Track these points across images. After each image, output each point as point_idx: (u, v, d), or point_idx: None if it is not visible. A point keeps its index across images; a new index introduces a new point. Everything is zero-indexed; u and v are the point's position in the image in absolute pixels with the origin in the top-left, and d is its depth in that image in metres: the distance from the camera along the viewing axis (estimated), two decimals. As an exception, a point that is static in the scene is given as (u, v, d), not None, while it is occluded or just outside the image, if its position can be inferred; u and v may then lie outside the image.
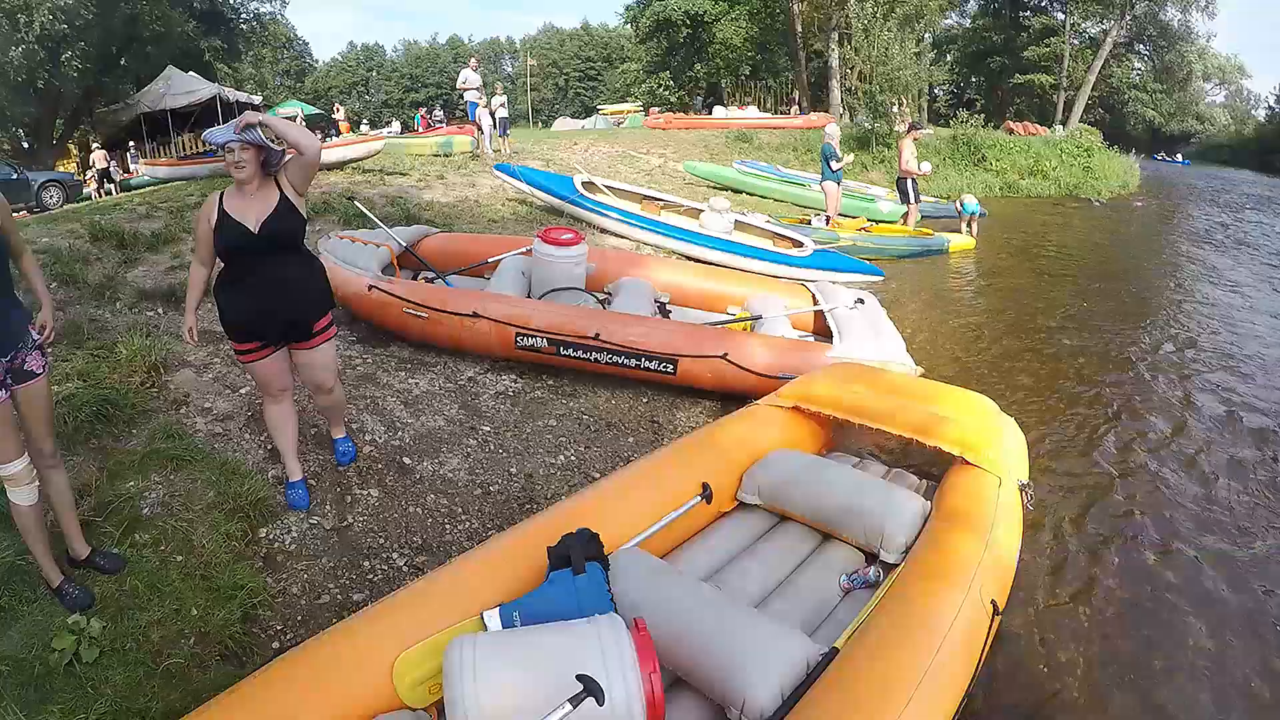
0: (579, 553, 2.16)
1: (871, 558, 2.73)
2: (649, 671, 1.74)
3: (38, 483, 2.62)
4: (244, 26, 27.88)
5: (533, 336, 4.44)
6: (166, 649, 2.59)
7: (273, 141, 2.87)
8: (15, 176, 13.87)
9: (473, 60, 14.27)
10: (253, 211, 2.85)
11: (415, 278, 5.31)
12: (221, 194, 2.90)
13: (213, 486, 3.30)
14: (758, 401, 3.54)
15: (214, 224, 2.86)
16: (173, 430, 3.66)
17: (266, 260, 2.91)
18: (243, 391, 4.09)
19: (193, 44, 23.94)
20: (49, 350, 2.65)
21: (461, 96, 14.02)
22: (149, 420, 3.74)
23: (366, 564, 3.13)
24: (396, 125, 22.00)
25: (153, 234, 6.29)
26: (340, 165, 10.53)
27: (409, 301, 4.51)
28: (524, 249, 5.43)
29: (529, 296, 5.01)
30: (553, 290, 5.01)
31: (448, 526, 3.42)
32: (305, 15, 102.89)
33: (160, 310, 5.00)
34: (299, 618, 2.84)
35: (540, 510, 3.50)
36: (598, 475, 3.84)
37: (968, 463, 2.88)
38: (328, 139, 15.87)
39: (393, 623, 2.05)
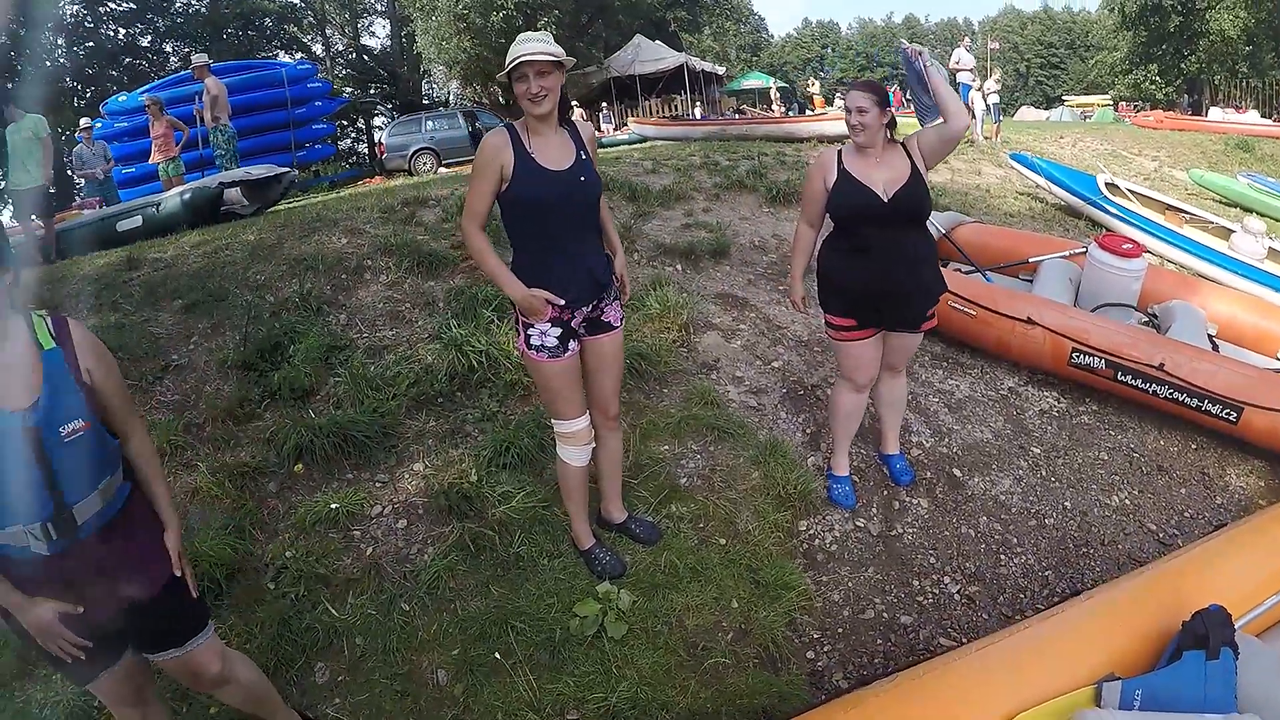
0: (1218, 635, 1.87)
1: None
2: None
3: (593, 444, 2.47)
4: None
5: (1090, 355, 3.89)
6: (701, 640, 2.38)
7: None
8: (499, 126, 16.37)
9: (965, 40, 13.29)
10: (880, 177, 2.64)
11: (944, 266, 5.02)
12: (840, 151, 2.76)
13: (757, 467, 3.17)
14: None
15: (830, 184, 2.72)
16: (709, 396, 3.55)
17: (891, 233, 2.69)
18: (775, 365, 4.03)
19: (659, 14, 25.33)
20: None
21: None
22: (681, 381, 3.67)
23: (916, 583, 2.88)
24: None
25: (662, 189, 6.45)
26: (821, 139, 10.48)
27: (957, 296, 4.23)
28: (1070, 252, 4.85)
29: (1074, 306, 4.45)
30: (1105, 305, 4.38)
31: (1002, 557, 3.10)
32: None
33: (679, 267, 5.02)
34: (839, 630, 2.63)
35: (1092, 556, 3.16)
36: (1152, 527, 3.33)
37: None
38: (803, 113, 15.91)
39: (1004, 673, 1.91)
